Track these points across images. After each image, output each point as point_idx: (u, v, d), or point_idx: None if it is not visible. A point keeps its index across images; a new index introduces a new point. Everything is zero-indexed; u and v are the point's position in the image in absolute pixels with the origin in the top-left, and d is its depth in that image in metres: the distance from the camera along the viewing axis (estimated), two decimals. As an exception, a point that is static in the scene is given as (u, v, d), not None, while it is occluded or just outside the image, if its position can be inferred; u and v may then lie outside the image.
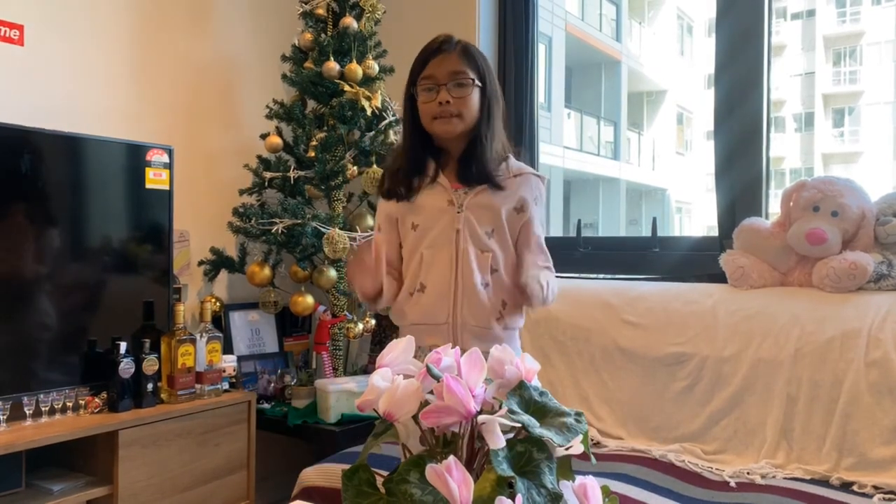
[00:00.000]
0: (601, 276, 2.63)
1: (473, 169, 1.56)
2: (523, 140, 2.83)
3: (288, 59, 2.79)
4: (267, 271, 2.65)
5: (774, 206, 2.37)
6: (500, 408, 0.76)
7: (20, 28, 2.23)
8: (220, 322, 2.65)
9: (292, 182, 2.65)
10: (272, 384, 2.72)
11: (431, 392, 0.77)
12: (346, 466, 0.77)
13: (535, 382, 0.81)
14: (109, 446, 2.02)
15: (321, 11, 2.72)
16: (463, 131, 1.56)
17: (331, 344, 2.74)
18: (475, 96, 1.55)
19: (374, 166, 2.63)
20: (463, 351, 0.80)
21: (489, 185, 1.57)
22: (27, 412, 1.99)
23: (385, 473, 0.75)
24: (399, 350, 0.85)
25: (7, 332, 2.00)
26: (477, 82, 1.55)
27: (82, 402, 2.10)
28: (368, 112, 2.64)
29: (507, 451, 0.71)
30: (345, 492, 0.74)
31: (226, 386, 2.41)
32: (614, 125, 8.70)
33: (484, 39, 2.88)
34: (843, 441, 1.91)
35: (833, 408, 1.94)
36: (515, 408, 0.75)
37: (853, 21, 9.50)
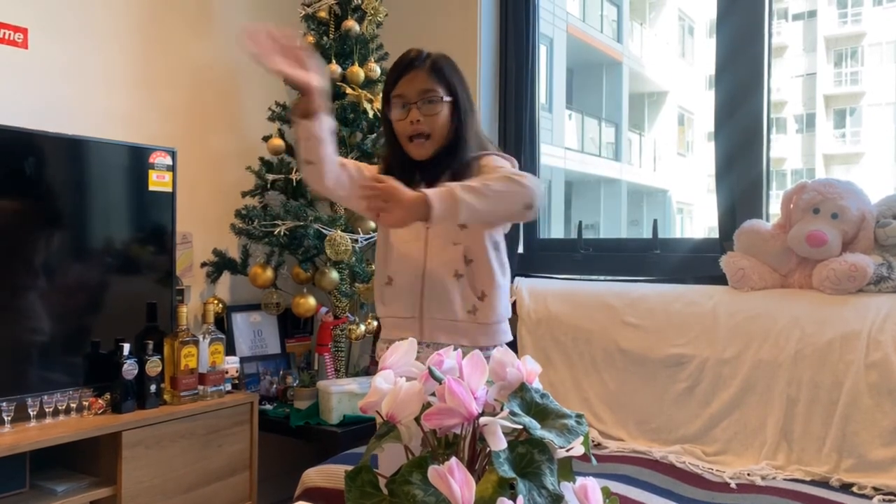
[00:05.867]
0: (602, 277, 2.63)
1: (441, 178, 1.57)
2: (524, 141, 2.84)
3: (290, 61, 2.79)
4: (269, 273, 2.66)
5: (775, 207, 2.36)
6: (502, 410, 0.76)
7: (24, 31, 2.24)
8: (222, 323, 2.66)
9: (294, 184, 2.67)
10: (274, 385, 2.73)
11: (433, 394, 0.78)
12: (349, 467, 0.78)
13: (537, 384, 0.82)
14: (113, 447, 2.03)
15: (323, 14, 2.73)
16: (435, 150, 1.57)
17: (332, 345, 2.75)
18: (445, 112, 1.56)
19: (376, 168, 2.64)
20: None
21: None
22: (31, 413, 2.01)
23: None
24: (401, 352, 0.86)
25: (11, 333, 2.01)
26: (446, 98, 1.56)
27: (86, 404, 2.11)
28: (370, 114, 2.65)
29: (509, 452, 0.72)
30: (348, 492, 0.75)
31: (228, 387, 2.42)
32: (615, 126, 8.68)
33: (485, 41, 2.89)
34: (843, 442, 1.91)
35: (833, 409, 1.95)
36: (517, 410, 0.76)
37: (854, 22, 9.48)
